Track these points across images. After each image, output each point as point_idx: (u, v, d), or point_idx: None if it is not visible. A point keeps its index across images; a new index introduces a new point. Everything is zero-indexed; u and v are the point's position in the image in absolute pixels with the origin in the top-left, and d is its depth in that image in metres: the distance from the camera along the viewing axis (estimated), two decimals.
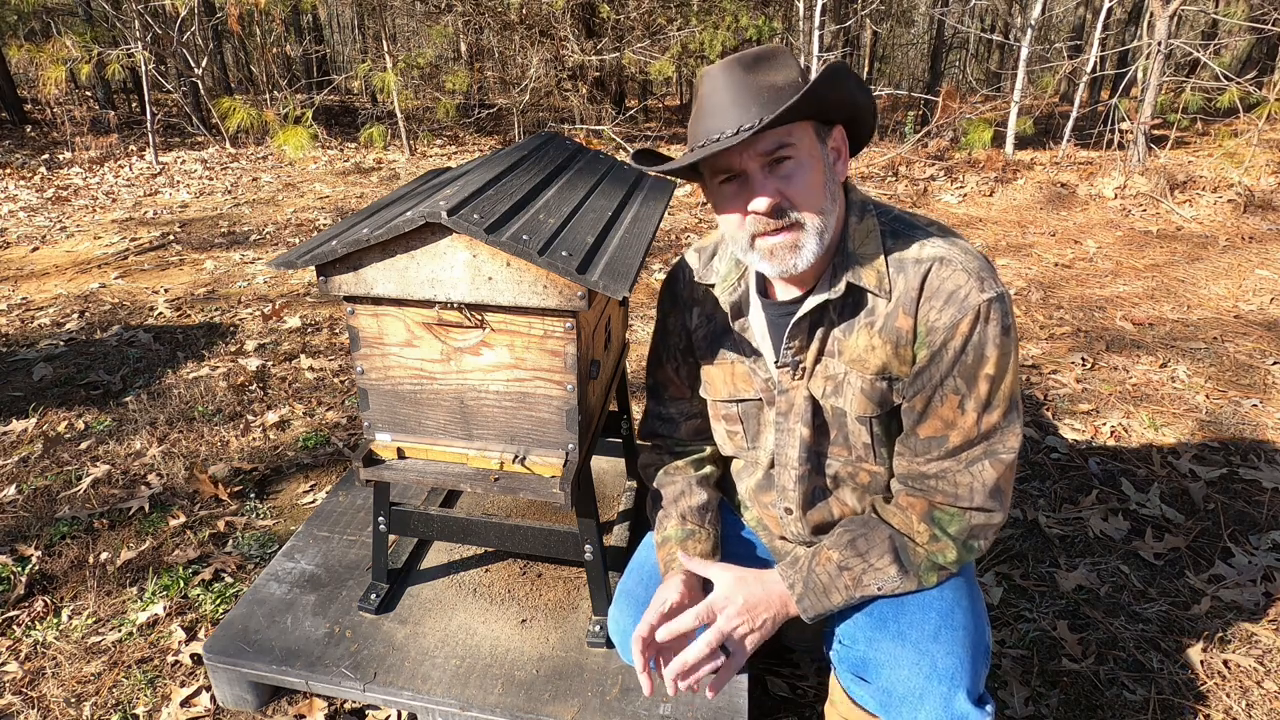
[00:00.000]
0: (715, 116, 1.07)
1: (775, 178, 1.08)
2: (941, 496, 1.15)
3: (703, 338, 1.34)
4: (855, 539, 1.20)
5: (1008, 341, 1.10)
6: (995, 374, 1.10)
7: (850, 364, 1.17)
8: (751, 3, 8.20)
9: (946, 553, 1.15)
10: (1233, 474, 2.43)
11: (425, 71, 8.94)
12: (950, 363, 1.11)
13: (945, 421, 1.14)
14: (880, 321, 1.14)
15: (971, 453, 1.13)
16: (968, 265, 1.10)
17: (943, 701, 1.11)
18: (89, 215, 5.77)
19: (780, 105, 1.05)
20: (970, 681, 1.13)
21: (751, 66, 1.08)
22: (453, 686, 1.43)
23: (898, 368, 1.15)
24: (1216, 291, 4.07)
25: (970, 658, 1.14)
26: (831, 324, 1.18)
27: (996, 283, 1.10)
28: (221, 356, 3.31)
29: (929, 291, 1.11)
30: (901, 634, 1.16)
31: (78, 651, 1.78)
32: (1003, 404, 1.12)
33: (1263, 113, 6.08)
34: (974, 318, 1.08)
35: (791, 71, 1.09)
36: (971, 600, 1.21)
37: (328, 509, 1.94)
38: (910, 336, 1.13)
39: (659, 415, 1.47)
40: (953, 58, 15.40)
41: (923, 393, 1.14)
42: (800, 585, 1.20)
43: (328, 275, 1.24)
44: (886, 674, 1.16)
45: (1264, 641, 1.80)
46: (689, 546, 1.32)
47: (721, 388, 1.34)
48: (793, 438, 1.26)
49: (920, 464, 1.17)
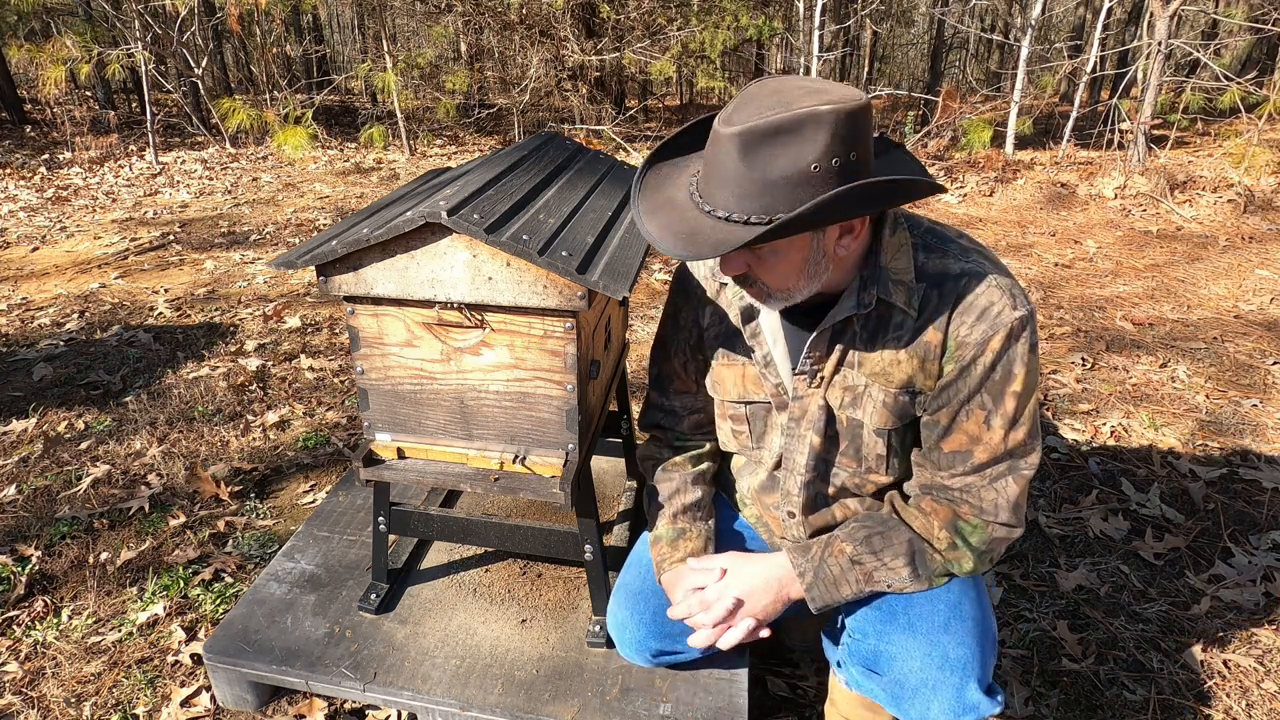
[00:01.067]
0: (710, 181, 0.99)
1: (747, 252, 1.04)
2: (967, 509, 1.15)
3: (714, 336, 1.33)
4: (871, 536, 1.19)
5: (1034, 360, 1.10)
6: (1022, 391, 1.10)
7: (872, 376, 1.16)
8: (751, 3, 8.20)
9: (963, 562, 1.16)
10: (1233, 474, 2.43)
11: (425, 71, 8.94)
12: (980, 379, 1.10)
13: (970, 437, 1.13)
14: (909, 336, 1.13)
15: (996, 469, 1.13)
16: (1000, 282, 1.09)
17: (955, 692, 1.12)
18: (89, 215, 5.77)
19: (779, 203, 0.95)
20: (981, 671, 1.13)
21: (766, 140, 0.93)
22: (453, 686, 1.43)
23: (923, 382, 1.14)
24: (1216, 291, 4.07)
25: (980, 648, 1.15)
26: (855, 337, 1.16)
27: (1026, 300, 1.10)
28: (221, 356, 3.31)
29: (962, 307, 1.10)
30: (912, 625, 1.17)
31: (78, 651, 1.78)
32: (1028, 421, 1.12)
33: (1263, 112, 6.08)
34: (1006, 335, 1.08)
35: (817, 146, 0.92)
36: (978, 592, 1.22)
37: (328, 509, 1.94)
38: (939, 351, 1.12)
39: (661, 407, 1.46)
40: (953, 58, 15.40)
41: (948, 407, 1.13)
42: (811, 574, 1.20)
43: (328, 275, 1.24)
44: (899, 666, 1.16)
45: (1264, 641, 1.80)
46: (679, 546, 1.34)
47: (731, 389, 1.32)
48: (803, 444, 1.25)
49: (944, 478, 1.17)
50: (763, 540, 1.46)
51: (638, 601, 1.38)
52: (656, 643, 1.36)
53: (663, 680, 1.42)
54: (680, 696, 1.39)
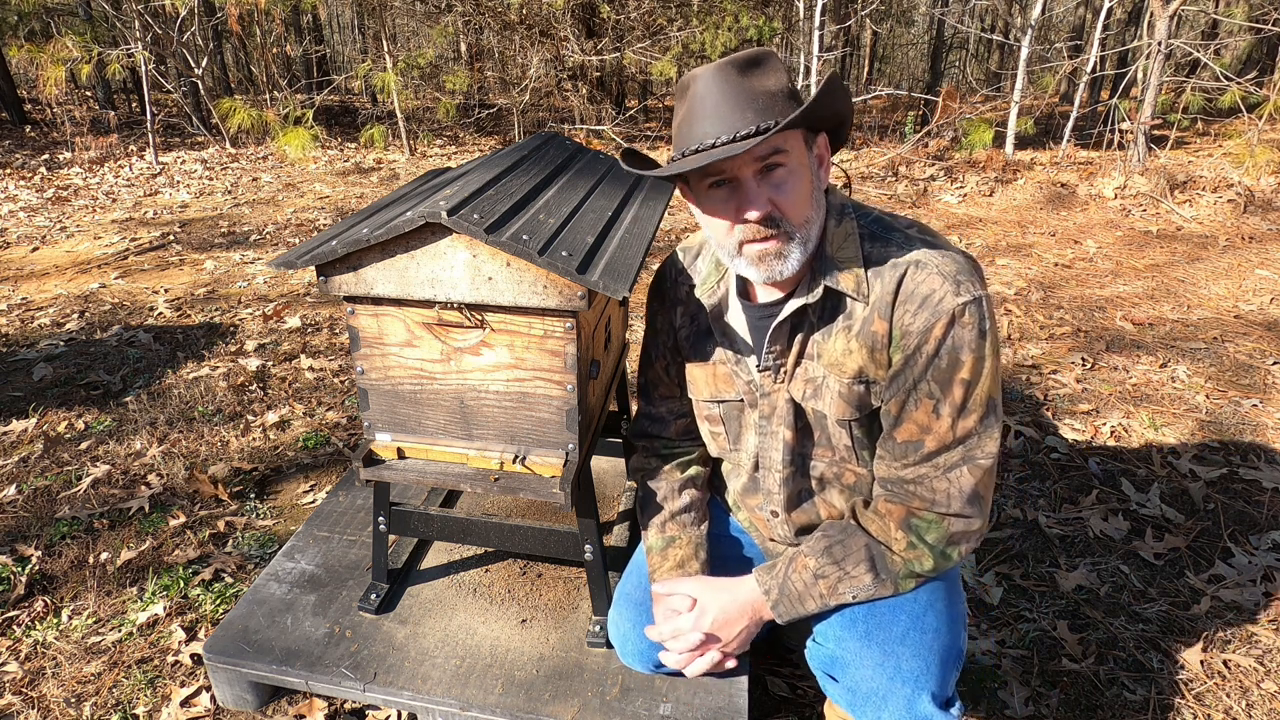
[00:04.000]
0: (707, 121, 1.06)
1: (767, 185, 1.07)
2: (919, 502, 1.15)
3: (685, 337, 1.35)
4: (832, 546, 1.20)
5: (984, 345, 1.08)
6: (970, 378, 1.09)
7: (829, 367, 1.17)
8: (751, 3, 8.20)
9: (923, 561, 1.16)
10: (1233, 474, 2.43)
11: (425, 71, 8.94)
12: (924, 367, 1.10)
13: (920, 426, 1.13)
14: (857, 325, 1.14)
15: (949, 458, 1.13)
16: (944, 269, 1.09)
17: (905, 703, 1.12)
18: (89, 215, 5.77)
19: (773, 111, 1.04)
20: (936, 685, 1.13)
21: (745, 70, 1.06)
22: (453, 686, 1.43)
23: (874, 371, 1.14)
24: (1216, 291, 4.07)
25: (939, 661, 1.15)
26: (811, 328, 1.18)
27: (975, 286, 1.09)
28: (221, 356, 3.31)
29: (903, 295, 1.10)
30: (869, 634, 1.17)
31: (78, 651, 1.78)
32: (979, 409, 1.11)
33: (1263, 112, 6.08)
34: (948, 322, 1.07)
35: (781, 76, 1.08)
36: (948, 604, 1.21)
37: (328, 509, 1.94)
38: (886, 340, 1.12)
39: (649, 415, 1.48)
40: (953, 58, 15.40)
41: (898, 397, 1.14)
42: (775, 592, 1.22)
43: (328, 275, 1.24)
44: (853, 673, 1.17)
45: (1264, 641, 1.80)
46: (669, 555, 1.35)
47: (704, 388, 1.34)
48: (776, 440, 1.26)
49: (898, 468, 1.17)
50: (756, 545, 1.46)
51: (639, 612, 1.38)
52: (658, 653, 1.36)
53: (663, 680, 1.42)
54: (680, 696, 1.39)
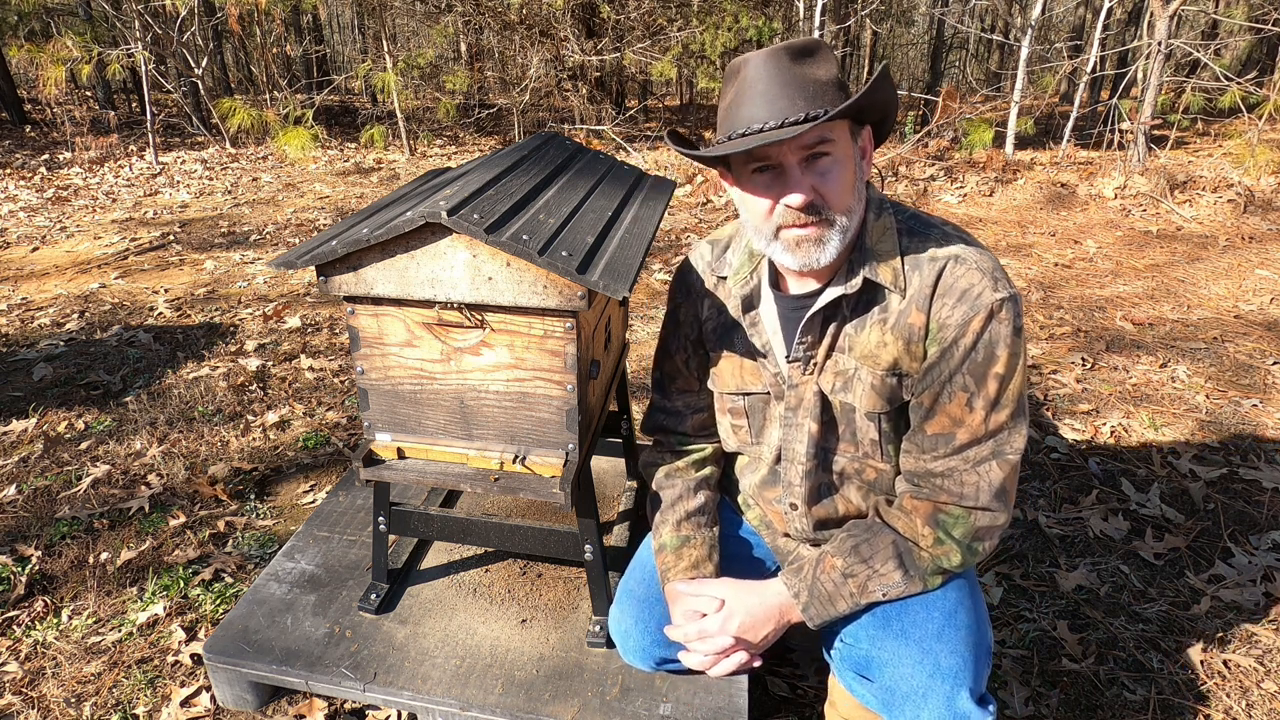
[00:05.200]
0: (757, 105, 1.07)
1: (812, 173, 1.09)
2: (947, 496, 1.15)
3: (713, 329, 1.35)
4: (859, 544, 1.20)
5: (1018, 342, 1.11)
6: (1004, 373, 1.11)
7: (861, 360, 1.18)
8: (751, 3, 8.19)
9: (951, 556, 1.16)
10: (1233, 474, 2.43)
11: (425, 71, 8.94)
12: (960, 360, 1.11)
13: (953, 419, 1.14)
14: (893, 318, 1.15)
15: (979, 451, 1.14)
16: (982, 265, 1.11)
17: (946, 700, 1.11)
18: (89, 215, 5.77)
19: (823, 100, 1.06)
20: (973, 680, 1.13)
21: (798, 57, 1.08)
22: (453, 686, 1.43)
23: (908, 364, 1.15)
24: (1216, 291, 4.07)
25: (973, 657, 1.14)
26: (845, 319, 1.19)
27: (1010, 284, 1.12)
28: (221, 356, 3.31)
29: (942, 288, 1.12)
30: (905, 632, 1.17)
31: (78, 651, 1.78)
32: (1010, 404, 1.12)
33: (1263, 112, 6.08)
34: (986, 316, 1.09)
35: (832, 67, 1.10)
36: (974, 601, 1.22)
37: (328, 509, 1.94)
38: (922, 333, 1.13)
39: (664, 409, 1.47)
40: (953, 58, 15.40)
41: (931, 389, 1.15)
42: (805, 594, 1.21)
43: (328, 275, 1.24)
44: (890, 672, 1.16)
45: (1264, 641, 1.80)
46: (684, 554, 1.34)
47: (729, 380, 1.34)
48: (801, 433, 1.26)
49: (927, 461, 1.17)
50: (767, 546, 1.46)
51: (643, 609, 1.38)
52: (661, 650, 1.36)
53: (663, 680, 1.42)
54: (680, 696, 1.39)
